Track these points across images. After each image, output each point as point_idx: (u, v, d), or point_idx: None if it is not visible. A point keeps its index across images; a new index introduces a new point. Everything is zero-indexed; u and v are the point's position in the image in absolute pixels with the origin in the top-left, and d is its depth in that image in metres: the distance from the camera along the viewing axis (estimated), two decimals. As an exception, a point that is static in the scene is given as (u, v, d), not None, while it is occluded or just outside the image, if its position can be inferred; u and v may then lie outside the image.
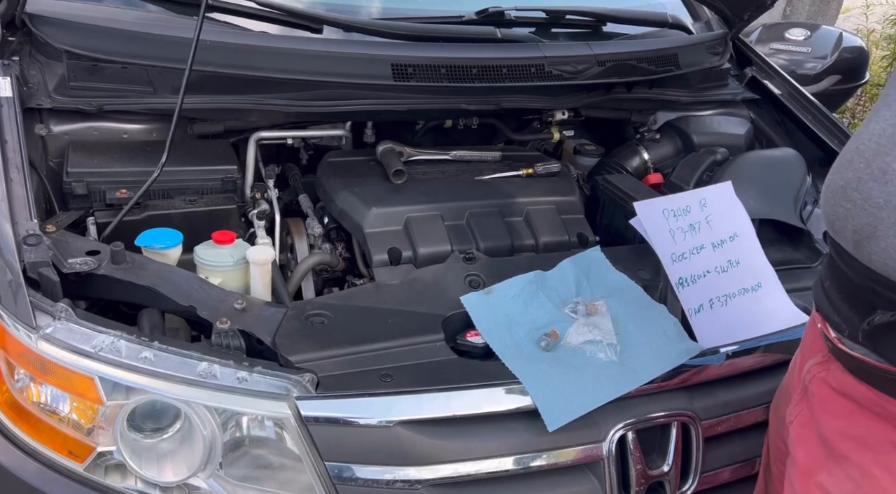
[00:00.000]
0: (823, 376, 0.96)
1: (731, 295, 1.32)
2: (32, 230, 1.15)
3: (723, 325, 1.27)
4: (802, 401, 1.00)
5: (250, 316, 1.15)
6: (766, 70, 2.10)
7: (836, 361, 0.93)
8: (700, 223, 1.37)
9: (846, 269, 0.88)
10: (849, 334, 0.89)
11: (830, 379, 0.94)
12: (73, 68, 1.44)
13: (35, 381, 1.08)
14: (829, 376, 0.95)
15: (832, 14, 5.35)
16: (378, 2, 1.89)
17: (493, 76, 1.65)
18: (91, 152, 1.43)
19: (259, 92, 1.55)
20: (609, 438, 1.10)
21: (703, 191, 1.42)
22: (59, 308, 1.06)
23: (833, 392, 0.94)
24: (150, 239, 1.26)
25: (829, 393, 0.95)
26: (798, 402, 1.01)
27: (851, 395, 0.91)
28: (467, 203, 1.49)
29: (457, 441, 1.07)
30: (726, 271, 1.35)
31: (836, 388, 0.93)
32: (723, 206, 1.40)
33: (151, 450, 1.06)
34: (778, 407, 1.12)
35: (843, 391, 0.92)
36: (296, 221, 1.55)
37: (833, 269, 0.92)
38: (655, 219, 1.35)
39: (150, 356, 1.04)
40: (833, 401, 0.94)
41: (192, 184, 1.44)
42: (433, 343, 1.16)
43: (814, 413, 0.97)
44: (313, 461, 1.03)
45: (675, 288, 1.29)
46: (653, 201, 1.39)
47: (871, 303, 0.85)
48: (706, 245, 1.36)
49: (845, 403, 0.92)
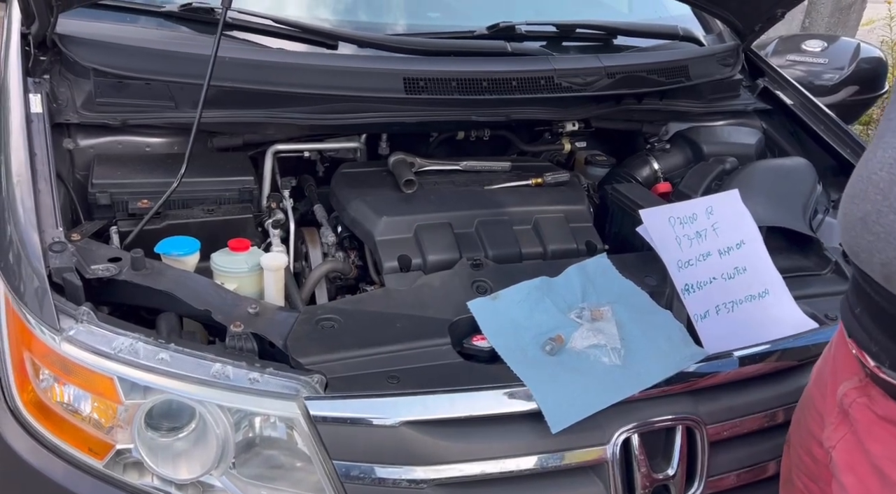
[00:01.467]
0: (865, 402, 0.94)
1: (738, 301, 1.33)
2: (58, 238, 1.20)
3: (729, 331, 1.28)
4: (843, 426, 0.98)
5: (263, 320, 1.19)
6: (779, 81, 2.11)
7: (876, 387, 0.92)
8: (706, 230, 1.38)
9: (878, 299, 0.87)
10: (890, 364, 0.87)
11: (874, 406, 0.93)
12: (100, 85, 1.51)
13: (58, 381, 1.12)
14: (871, 402, 0.93)
15: (852, 25, 5.31)
16: (392, 18, 1.94)
17: (504, 89, 1.69)
18: (115, 165, 1.49)
19: (276, 106, 1.60)
20: (613, 441, 1.12)
21: (710, 199, 1.43)
22: (82, 311, 1.11)
23: (878, 418, 0.92)
24: (169, 246, 1.31)
25: (873, 419, 0.93)
26: (837, 426, 0.99)
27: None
28: (476, 211, 1.52)
29: (462, 442, 1.09)
30: (733, 278, 1.36)
31: (882, 415, 0.92)
32: (729, 214, 1.41)
33: (167, 449, 1.10)
34: (804, 421, 1.10)
35: (889, 417, 0.91)
36: (310, 230, 1.60)
37: (863, 297, 0.91)
38: (661, 227, 1.37)
39: (167, 357, 1.09)
40: (880, 428, 0.92)
41: (211, 194, 1.49)
42: (440, 346, 1.19)
43: (860, 439, 0.95)
44: (322, 460, 1.06)
45: (681, 295, 1.31)
46: (659, 209, 1.40)
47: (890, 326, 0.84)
48: (713, 252, 1.37)
49: (893, 429, 0.90)
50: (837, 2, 5.24)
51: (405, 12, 1.98)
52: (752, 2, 1.90)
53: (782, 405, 1.24)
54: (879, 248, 0.81)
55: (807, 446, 1.08)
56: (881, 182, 0.82)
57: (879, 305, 0.87)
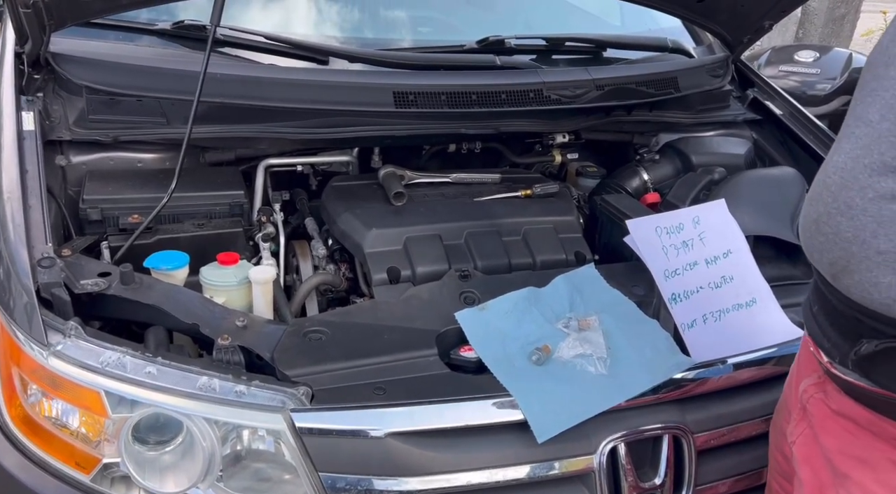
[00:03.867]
0: (821, 397, 0.97)
1: (725, 310, 1.34)
2: (47, 253, 1.21)
3: (716, 340, 1.28)
4: (802, 421, 1.00)
5: (251, 333, 1.20)
6: (768, 91, 2.13)
7: (832, 382, 0.94)
8: (693, 240, 1.39)
9: (830, 297, 0.90)
10: (840, 360, 0.90)
11: (828, 400, 0.95)
12: (92, 102, 1.53)
13: (46, 396, 1.13)
14: (826, 397, 0.96)
15: (846, 36, 5.34)
16: (382, 33, 1.96)
17: (493, 102, 1.70)
18: (106, 180, 1.51)
19: (267, 121, 1.62)
20: (600, 450, 1.12)
21: (696, 209, 1.44)
22: (70, 326, 1.12)
23: (832, 412, 0.95)
24: (158, 260, 1.32)
25: (827, 413, 0.95)
26: (798, 422, 1.01)
27: (850, 416, 0.92)
28: (466, 223, 1.53)
29: (448, 452, 1.09)
30: (720, 287, 1.36)
31: (835, 409, 0.94)
32: (716, 223, 1.42)
33: (154, 462, 1.10)
34: (777, 422, 1.13)
35: (842, 412, 0.93)
36: (301, 243, 1.61)
37: (819, 296, 0.94)
38: (648, 237, 1.37)
39: (154, 371, 1.09)
40: (832, 422, 0.95)
41: (201, 208, 1.50)
42: (427, 357, 1.19)
43: (815, 433, 0.97)
44: (308, 472, 1.06)
45: (668, 304, 1.31)
46: (645, 219, 1.41)
47: (856, 331, 0.86)
48: (699, 261, 1.38)
49: (844, 423, 0.92)
50: (831, 12, 5.28)
51: (396, 27, 2.00)
52: (741, 14, 1.92)
53: (770, 413, 1.23)
54: (828, 248, 0.84)
55: (779, 445, 1.09)
56: (833, 185, 0.84)
57: (831, 303, 0.90)
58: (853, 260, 0.81)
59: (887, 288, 0.79)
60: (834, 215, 0.83)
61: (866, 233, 0.80)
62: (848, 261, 0.82)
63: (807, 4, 5.19)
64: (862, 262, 0.80)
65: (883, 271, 0.79)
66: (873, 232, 0.79)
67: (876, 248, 0.79)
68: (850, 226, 0.82)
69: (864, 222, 0.80)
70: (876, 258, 0.79)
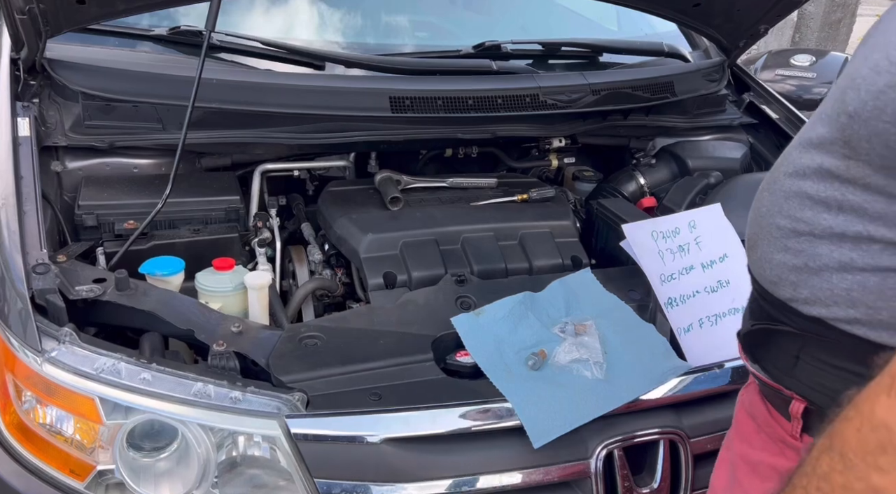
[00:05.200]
0: (743, 399, 0.97)
1: (721, 314, 1.34)
2: (42, 260, 1.21)
3: (712, 345, 1.28)
4: (732, 425, 1.00)
5: (246, 338, 1.20)
6: (764, 95, 2.13)
7: (754, 383, 0.94)
8: (689, 244, 1.39)
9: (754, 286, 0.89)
10: (743, 346, 0.90)
11: (745, 401, 0.95)
12: (88, 108, 1.53)
13: (41, 403, 1.12)
14: (746, 396, 0.96)
15: (842, 40, 5.36)
16: (378, 38, 1.97)
17: (488, 106, 1.70)
18: (102, 186, 1.50)
19: (263, 126, 1.62)
20: (596, 455, 1.11)
21: (692, 213, 1.44)
22: (64, 332, 1.12)
23: (745, 414, 0.95)
24: (153, 266, 1.32)
25: (742, 415, 0.96)
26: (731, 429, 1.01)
27: (755, 416, 0.92)
28: (462, 227, 1.53)
29: (444, 458, 1.09)
30: (716, 291, 1.36)
31: (748, 410, 0.94)
32: (712, 228, 1.42)
33: (149, 469, 1.09)
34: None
35: (751, 412, 0.93)
36: (297, 249, 1.60)
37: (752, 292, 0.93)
38: (644, 241, 1.37)
39: (149, 377, 1.09)
40: (744, 424, 0.95)
41: (197, 214, 1.50)
42: (423, 363, 1.19)
43: (731, 437, 0.98)
44: (303, 478, 1.06)
45: (665, 309, 1.31)
46: (642, 223, 1.41)
47: (755, 314, 0.86)
48: (695, 265, 1.38)
49: (751, 425, 0.93)
50: (827, 16, 5.29)
51: (392, 32, 2.00)
52: (736, 18, 1.93)
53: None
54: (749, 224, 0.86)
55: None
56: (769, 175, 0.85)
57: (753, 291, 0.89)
58: (761, 233, 0.82)
59: (777, 266, 0.79)
60: (762, 191, 0.84)
61: (774, 208, 0.80)
62: (756, 236, 0.83)
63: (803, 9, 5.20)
64: (764, 237, 0.81)
65: (776, 247, 0.79)
66: (780, 207, 0.79)
67: (776, 224, 0.79)
68: (768, 200, 0.82)
69: (777, 197, 0.80)
70: (775, 233, 0.79)
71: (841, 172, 0.73)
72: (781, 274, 0.79)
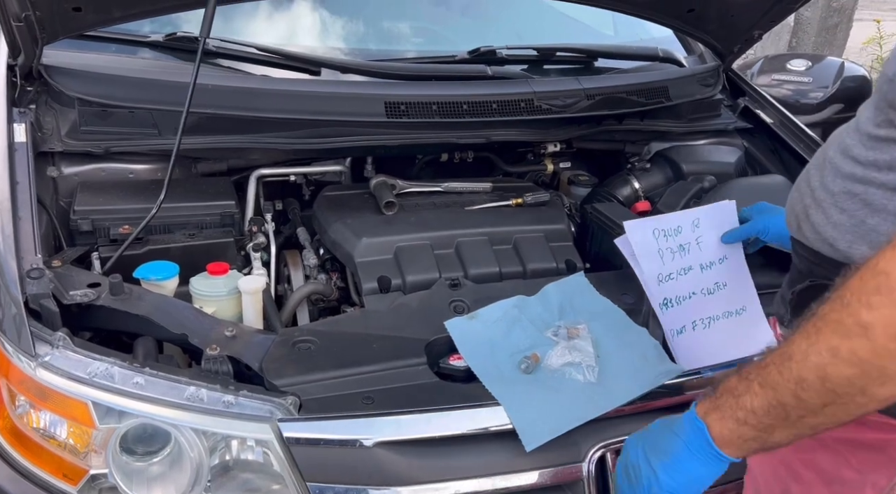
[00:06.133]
0: None
1: (715, 317, 1.33)
2: (36, 264, 1.22)
3: (703, 348, 1.28)
4: None
5: (240, 343, 1.20)
6: (759, 100, 2.14)
7: None
8: (690, 244, 1.35)
9: (794, 257, 0.97)
10: (788, 321, 0.94)
11: None
12: (84, 114, 1.54)
13: (34, 408, 1.13)
14: None
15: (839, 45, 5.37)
16: (374, 44, 1.98)
17: (484, 112, 1.71)
18: (98, 191, 1.51)
19: (259, 131, 1.63)
20: (588, 458, 1.12)
21: (697, 211, 1.39)
22: (58, 337, 1.12)
23: None
24: (148, 271, 1.32)
25: None
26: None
27: None
28: (456, 232, 1.53)
29: (436, 461, 1.09)
30: (712, 293, 1.35)
31: None
32: (717, 227, 1.37)
33: (142, 473, 1.09)
34: None
35: None
36: (293, 253, 1.61)
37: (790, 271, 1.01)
38: (645, 239, 1.33)
39: (142, 381, 1.09)
40: None
41: (192, 219, 1.50)
42: (415, 366, 1.19)
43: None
44: (295, 482, 1.06)
45: (659, 310, 1.30)
46: (644, 220, 1.37)
47: (803, 277, 0.93)
48: (694, 266, 1.35)
49: None
50: (824, 21, 5.31)
51: (388, 38, 2.01)
52: (731, 24, 1.94)
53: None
54: (796, 201, 0.95)
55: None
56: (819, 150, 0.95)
57: (794, 263, 0.97)
58: (813, 204, 0.91)
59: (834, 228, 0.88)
60: (809, 169, 0.94)
61: (828, 178, 0.89)
62: (808, 207, 0.91)
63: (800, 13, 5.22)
64: (819, 205, 0.89)
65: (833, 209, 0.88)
66: (833, 175, 0.89)
67: (830, 190, 0.89)
68: (817, 175, 0.91)
69: (829, 169, 0.90)
70: (829, 199, 0.89)
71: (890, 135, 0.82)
72: (837, 235, 0.87)
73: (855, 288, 0.71)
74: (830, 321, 0.72)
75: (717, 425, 0.86)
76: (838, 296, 0.72)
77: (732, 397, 0.84)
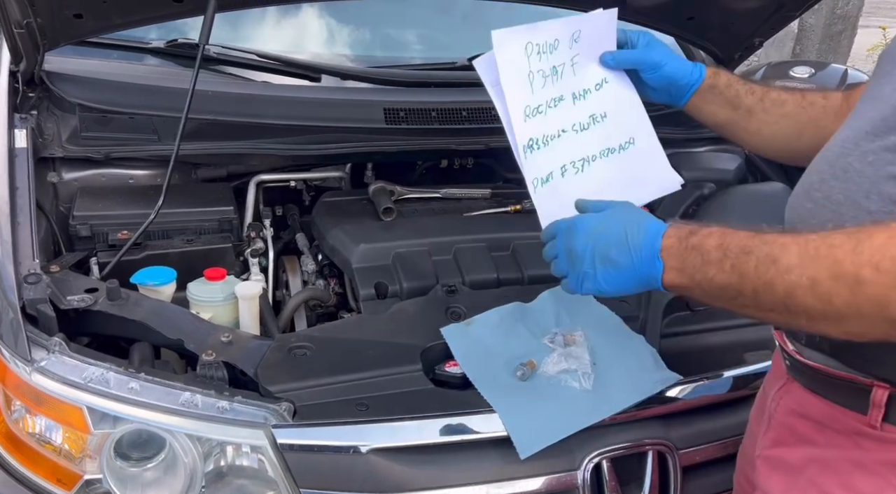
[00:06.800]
0: (785, 400, 0.96)
1: (590, 158, 1.11)
2: (34, 269, 1.22)
3: (571, 197, 1.05)
4: (769, 432, 0.99)
5: (236, 348, 1.20)
6: (760, 106, 2.13)
7: (795, 382, 0.94)
8: (564, 65, 1.13)
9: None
10: (807, 340, 0.89)
11: (791, 402, 0.94)
12: (85, 120, 1.55)
13: (30, 413, 1.13)
14: (789, 398, 0.95)
15: (843, 52, 5.37)
16: (374, 50, 1.98)
17: (483, 118, 1.72)
18: (97, 197, 1.52)
19: (258, 137, 1.63)
20: (584, 466, 1.11)
21: (579, 20, 1.15)
22: (54, 342, 1.12)
23: (794, 414, 0.94)
24: (145, 276, 1.33)
25: (791, 415, 0.95)
26: (764, 434, 1.00)
27: (811, 415, 0.91)
28: (454, 238, 1.53)
29: (430, 468, 1.08)
30: (586, 129, 1.13)
31: (797, 410, 0.93)
32: (594, 43, 1.15)
33: (136, 479, 1.09)
34: (744, 447, 1.11)
35: (804, 412, 0.92)
36: (291, 259, 1.61)
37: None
38: (514, 58, 1.09)
39: (137, 386, 1.09)
40: (796, 423, 0.94)
41: (191, 224, 1.51)
42: (411, 373, 1.19)
43: (780, 440, 0.96)
44: (289, 488, 1.06)
45: (521, 155, 1.10)
46: (516, 29, 1.11)
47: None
48: (566, 96, 1.12)
49: (806, 424, 0.92)
50: (827, 28, 5.30)
51: (387, 45, 2.02)
52: (731, 31, 1.94)
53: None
54: (815, 213, 0.85)
55: (743, 468, 1.08)
56: (831, 155, 0.85)
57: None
58: (841, 220, 0.81)
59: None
60: (827, 180, 0.83)
61: (859, 194, 0.80)
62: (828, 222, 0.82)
63: (804, 20, 5.22)
64: (850, 221, 0.80)
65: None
66: (867, 192, 0.79)
67: (867, 209, 0.79)
68: (842, 188, 0.82)
69: (860, 183, 0.80)
70: (866, 219, 0.79)
71: None
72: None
73: (877, 245, 0.68)
74: (832, 256, 0.70)
75: (672, 273, 0.87)
76: (857, 239, 0.69)
77: (701, 259, 0.83)
